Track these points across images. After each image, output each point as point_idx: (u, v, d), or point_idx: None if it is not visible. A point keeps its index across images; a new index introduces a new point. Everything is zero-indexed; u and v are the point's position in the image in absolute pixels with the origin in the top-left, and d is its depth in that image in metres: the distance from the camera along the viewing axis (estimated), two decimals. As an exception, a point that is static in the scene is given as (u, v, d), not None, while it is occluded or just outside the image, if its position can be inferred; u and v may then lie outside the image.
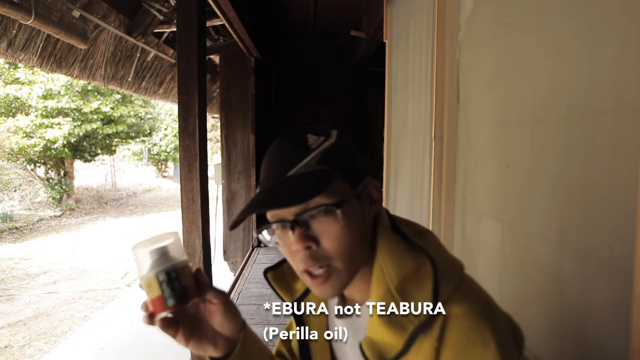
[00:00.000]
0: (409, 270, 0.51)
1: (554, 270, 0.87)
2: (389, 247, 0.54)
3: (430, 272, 0.50)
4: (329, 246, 0.51)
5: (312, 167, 0.52)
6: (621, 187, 0.67)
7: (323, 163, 0.52)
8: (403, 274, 0.51)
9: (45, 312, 4.59)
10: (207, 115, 2.23)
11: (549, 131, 0.89)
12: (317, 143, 0.53)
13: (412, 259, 0.52)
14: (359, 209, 0.54)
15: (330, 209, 0.50)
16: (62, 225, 9.50)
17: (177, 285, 0.49)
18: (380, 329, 0.50)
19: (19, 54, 2.91)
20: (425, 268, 0.51)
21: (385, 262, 0.52)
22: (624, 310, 0.63)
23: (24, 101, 9.82)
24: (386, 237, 0.55)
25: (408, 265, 0.51)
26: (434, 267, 0.50)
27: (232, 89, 4.84)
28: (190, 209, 1.96)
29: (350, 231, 0.51)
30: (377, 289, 0.52)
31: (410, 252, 0.53)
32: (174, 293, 0.49)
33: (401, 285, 0.51)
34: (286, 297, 0.65)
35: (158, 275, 0.49)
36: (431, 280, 0.49)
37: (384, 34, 2.77)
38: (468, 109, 1.37)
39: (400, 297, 0.50)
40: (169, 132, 17.30)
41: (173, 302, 0.49)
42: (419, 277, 0.50)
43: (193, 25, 1.89)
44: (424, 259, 0.51)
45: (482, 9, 1.29)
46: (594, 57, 0.74)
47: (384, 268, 0.52)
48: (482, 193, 1.27)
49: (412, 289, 0.50)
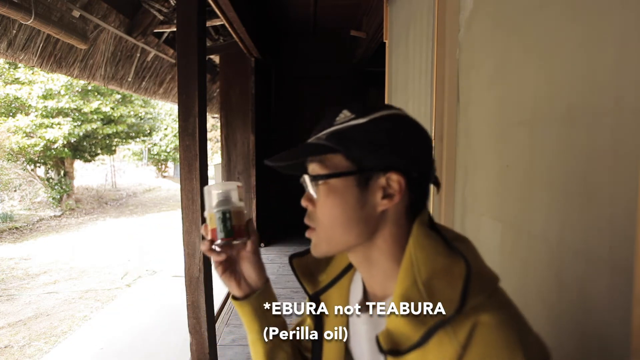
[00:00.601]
0: (440, 268, 0.50)
1: (554, 270, 0.87)
2: (424, 241, 0.53)
3: (462, 274, 0.48)
4: (317, 214, 0.56)
5: (320, 139, 0.55)
6: (621, 187, 0.67)
7: (330, 139, 0.54)
8: (434, 269, 0.50)
9: (45, 312, 4.59)
10: (207, 115, 2.23)
11: (549, 131, 0.89)
12: (343, 120, 0.55)
13: (447, 258, 0.51)
14: (359, 194, 0.54)
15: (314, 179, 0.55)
16: (62, 225, 9.49)
17: (229, 225, 0.62)
18: (399, 320, 0.49)
19: (19, 54, 2.91)
20: (458, 269, 0.49)
21: (417, 255, 0.52)
22: (624, 310, 0.64)
23: (24, 101, 9.81)
24: (422, 231, 0.54)
25: (440, 262, 0.50)
26: (468, 269, 0.48)
27: (232, 89, 4.84)
28: (190, 209, 1.96)
29: (334, 209, 0.54)
30: (404, 280, 0.51)
31: (446, 251, 0.52)
32: (225, 229, 0.62)
33: (429, 281, 0.50)
34: (308, 287, 0.66)
35: (217, 212, 0.62)
36: (462, 281, 0.47)
37: (384, 34, 2.77)
38: (468, 109, 1.37)
39: (426, 291, 0.49)
40: (169, 132, 17.29)
41: (222, 236, 0.62)
42: (449, 276, 0.49)
43: (193, 25, 1.89)
44: (459, 261, 0.50)
45: (482, 9, 1.29)
46: (594, 57, 0.74)
47: (414, 261, 0.51)
48: (482, 193, 1.27)
49: (441, 286, 0.49)
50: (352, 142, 0.53)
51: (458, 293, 0.47)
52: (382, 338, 0.49)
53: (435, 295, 0.48)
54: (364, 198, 0.54)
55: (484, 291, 0.48)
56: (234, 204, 0.64)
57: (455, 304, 0.46)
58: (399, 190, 0.53)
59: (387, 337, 0.49)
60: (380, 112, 0.55)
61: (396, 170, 0.53)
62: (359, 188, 0.53)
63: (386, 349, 0.48)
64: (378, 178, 0.53)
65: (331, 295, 0.65)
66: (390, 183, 0.53)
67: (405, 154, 0.54)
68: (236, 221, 0.63)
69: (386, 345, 0.48)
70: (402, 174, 0.53)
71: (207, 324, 2.05)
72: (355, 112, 0.55)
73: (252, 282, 0.67)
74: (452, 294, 0.47)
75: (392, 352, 0.47)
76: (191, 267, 2.01)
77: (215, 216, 0.62)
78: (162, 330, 3.77)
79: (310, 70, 5.32)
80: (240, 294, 0.67)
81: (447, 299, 0.47)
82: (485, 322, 0.46)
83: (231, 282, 0.66)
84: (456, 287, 0.47)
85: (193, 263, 2.00)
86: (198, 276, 2.01)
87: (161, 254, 6.88)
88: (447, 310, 0.46)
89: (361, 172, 0.53)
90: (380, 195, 0.54)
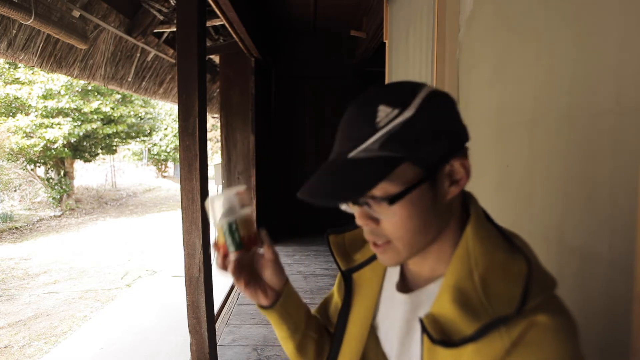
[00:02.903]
0: (499, 262, 0.48)
1: (554, 270, 0.87)
2: (483, 232, 0.51)
3: (523, 272, 0.45)
4: (388, 229, 0.49)
5: (373, 152, 0.46)
6: (621, 187, 0.67)
7: (387, 147, 0.46)
8: (492, 263, 0.48)
9: (45, 312, 4.58)
10: (207, 115, 2.23)
11: (549, 131, 0.89)
12: (387, 119, 0.46)
13: (506, 253, 0.48)
14: (431, 194, 0.48)
15: (391, 201, 0.46)
16: (62, 225, 9.49)
17: (237, 237, 0.59)
18: (450, 308, 0.47)
19: (19, 54, 2.91)
20: (518, 266, 0.46)
21: (475, 245, 0.49)
22: (624, 310, 0.64)
23: (24, 101, 9.81)
24: (481, 222, 0.52)
25: (500, 257, 0.48)
26: (530, 268, 0.46)
27: (232, 89, 4.84)
28: (190, 209, 1.96)
29: (411, 220, 0.48)
30: (457, 268, 0.49)
31: (506, 246, 0.49)
32: (234, 242, 0.59)
33: (486, 274, 0.47)
34: (342, 263, 0.66)
35: (223, 225, 0.59)
36: (523, 279, 0.45)
37: (384, 34, 2.77)
38: (468, 109, 1.37)
39: (481, 284, 0.47)
40: (169, 132, 17.30)
41: (233, 249, 0.59)
42: (509, 273, 0.46)
43: (193, 25, 1.89)
44: (520, 258, 0.47)
45: (482, 9, 1.29)
46: (594, 57, 0.74)
47: (471, 251, 0.49)
48: (482, 193, 1.27)
49: (498, 281, 0.46)
50: (415, 142, 0.46)
51: (519, 292, 0.44)
52: (428, 322, 0.47)
53: (492, 290, 0.46)
54: (435, 195, 0.49)
55: (544, 293, 0.46)
56: (238, 212, 0.60)
57: (516, 304, 0.43)
58: (465, 173, 0.49)
59: (433, 322, 0.47)
60: (419, 96, 0.48)
61: (457, 154, 0.49)
62: (430, 188, 0.48)
63: (437, 339, 0.45)
64: (443, 168, 0.49)
65: (364, 274, 0.65)
66: (456, 168, 0.49)
67: (457, 132, 0.50)
68: (244, 231, 0.59)
69: (436, 334, 0.46)
70: (462, 154, 0.50)
71: (207, 324, 2.05)
72: (394, 104, 0.47)
73: (276, 286, 0.65)
74: (512, 293, 0.44)
75: (443, 342, 0.45)
76: (191, 267, 2.01)
77: (222, 229, 0.59)
78: (162, 330, 3.77)
79: (310, 70, 5.31)
80: (267, 303, 0.65)
81: (506, 297, 0.44)
82: (542, 323, 0.43)
83: (257, 293, 0.64)
84: (516, 286, 0.45)
85: (193, 263, 2.00)
86: (198, 276, 2.01)
87: (161, 254, 6.88)
88: (507, 309, 0.44)
89: (431, 173, 0.48)
90: (448, 183, 0.49)
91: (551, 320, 0.43)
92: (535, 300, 0.44)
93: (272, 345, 2.57)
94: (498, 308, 0.44)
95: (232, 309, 3.10)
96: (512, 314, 0.43)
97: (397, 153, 0.46)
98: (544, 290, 0.46)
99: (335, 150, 0.51)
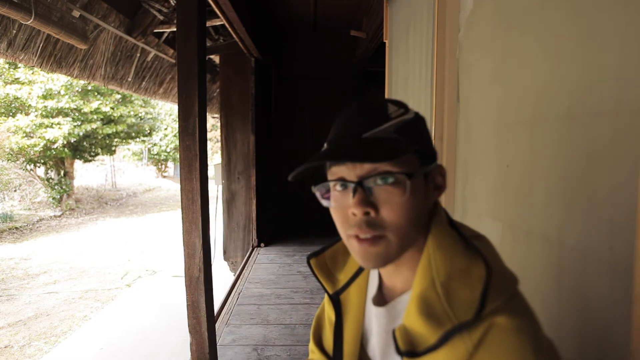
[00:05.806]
0: (459, 268, 0.49)
1: (554, 270, 0.87)
2: (443, 240, 0.52)
3: (482, 275, 0.47)
4: (388, 216, 0.49)
5: (389, 133, 0.51)
6: (621, 187, 0.67)
7: (400, 133, 0.52)
8: (452, 270, 0.49)
9: (45, 312, 4.58)
10: (207, 115, 2.23)
11: (549, 131, 0.89)
12: (397, 114, 0.53)
13: (465, 258, 0.50)
14: (424, 189, 0.52)
15: (400, 178, 0.49)
16: (62, 225, 9.49)
17: None
18: (416, 319, 0.48)
19: (19, 54, 2.91)
20: (477, 270, 0.48)
21: (435, 254, 0.51)
22: (624, 310, 0.63)
23: (24, 101, 9.82)
24: (441, 229, 0.53)
25: (459, 263, 0.49)
26: (488, 271, 0.47)
27: (232, 89, 4.84)
28: (190, 209, 1.96)
29: (412, 207, 0.50)
30: (421, 279, 0.50)
31: (465, 250, 0.51)
32: None
33: (447, 281, 0.48)
34: (328, 286, 0.65)
35: None
36: (482, 284, 0.46)
37: (384, 34, 2.77)
38: (468, 109, 1.37)
39: (443, 292, 0.48)
40: (169, 132, 17.30)
41: None
42: (468, 278, 0.48)
43: (193, 25, 1.89)
44: (479, 261, 0.49)
45: (482, 9, 1.29)
46: (594, 57, 0.74)
47: (432, 260, 0.50)
48: (482, 193, 1.27)
49: (459, 287, 0.48)
50: (419, 137, 0.54)
51: (477, 297, 0.46)
52: (399, 334, 0.48)
53: (454, 297, 0.47)
54: (426, 193, 0.53)
55: (503, 294, 0.47)
56: None
57: (474, 309, 0.45)
58: (443, 182, 0.56)
59: (403, 334, 0.48)
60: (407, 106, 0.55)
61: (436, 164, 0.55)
62: (424, 185, 0.53)
63: (403, 350, 0.47)
64: (432, 169, 0.54)
65: (350, 292, 0.64)
66: (437, 175, 0.55)
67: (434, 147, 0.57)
68: None
69: (403, 345, 0.47)
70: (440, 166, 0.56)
71: (207, 324, 2.05)
72: (399, 105, 0.54)
73: None
74: (471, 298, 0.46)
75: (408, 353, 0.46)
76: (191, 267, 2.00)
77: None
78: (162, 330, 3.77)
79: (310, 70, 5.32)
80: None
81: (465, 303, 0.46)
82: (500, 325, 0.44)
83: None
84: (475, 290, 0.46)
85: (193, 263, 2.00)
86: (198, 276, 2.01)
87: (161, 254, 6.88)
88: (466, 314, 0.45)
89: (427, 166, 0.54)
90: (432, 187, 0.55)
91: (510, 321, 0.45)
92: (495, 303, 0.46)
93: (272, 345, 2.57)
94: (460, 314, 0.46)
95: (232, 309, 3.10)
96: (471, 319, 0.45)
97: (406, 139, 0.51)
98: (504, 291, 0.48)
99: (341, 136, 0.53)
